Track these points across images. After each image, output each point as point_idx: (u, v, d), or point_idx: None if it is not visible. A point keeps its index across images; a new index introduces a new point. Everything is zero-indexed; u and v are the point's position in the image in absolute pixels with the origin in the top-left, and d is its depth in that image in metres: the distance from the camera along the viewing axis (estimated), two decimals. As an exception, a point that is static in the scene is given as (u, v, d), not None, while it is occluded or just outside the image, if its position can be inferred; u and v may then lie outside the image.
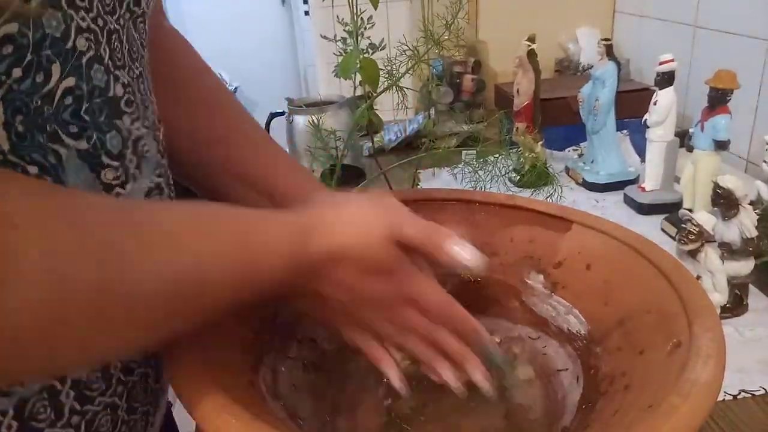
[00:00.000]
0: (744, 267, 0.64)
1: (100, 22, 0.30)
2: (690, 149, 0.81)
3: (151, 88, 0.36)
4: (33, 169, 0.27)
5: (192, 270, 0.28)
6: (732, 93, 0.76)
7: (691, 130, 0.82)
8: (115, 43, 0.31)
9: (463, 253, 0.35)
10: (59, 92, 0.27)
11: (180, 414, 0.47)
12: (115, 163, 0.31)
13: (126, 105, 0.32)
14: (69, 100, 0.28)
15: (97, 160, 0.30)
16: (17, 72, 0.25)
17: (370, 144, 0.99)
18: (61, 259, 0.23)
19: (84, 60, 0.28)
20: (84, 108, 0.29)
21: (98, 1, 0.29)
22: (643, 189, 0.91)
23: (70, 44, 0.27)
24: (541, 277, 0.46)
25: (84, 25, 0.28)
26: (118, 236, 0.26)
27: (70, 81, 0.28)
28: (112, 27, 0.31)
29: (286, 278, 0.33)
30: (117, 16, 0.31)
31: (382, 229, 0.35)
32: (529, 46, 0.99)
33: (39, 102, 0.27)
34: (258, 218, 0.33)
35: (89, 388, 0.32)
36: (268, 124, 1.11)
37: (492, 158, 0.84)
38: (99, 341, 0.26)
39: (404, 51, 0.80)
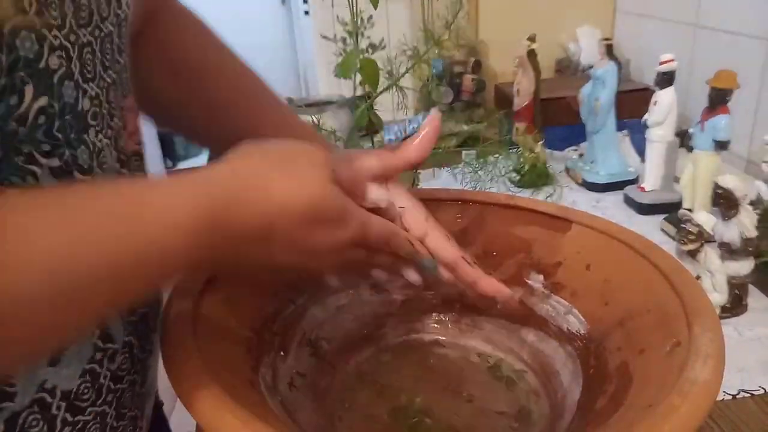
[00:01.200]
0: (743, 267, 0.64)
1: (72, 38, 0.29)
2: (690, 149, 0.82)
3: (125, 93, 0.36)
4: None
5: (65, 261, 0.24)
6: (732, 93, 0.76)
7: (691, 130, 0.82)
8: (87, 56, 0.31)
9: (378, 194, 0.38)
10: (32, 113, 0.27)
11: (180, 414, 0.47)
12: (86, 178, 0.30)
13: (92, 118, 0.31)
14: (42, 119, 0.28)
15: (69, 176, 0.29)
16: None
17: (370, 144, 0.99)
18: None
19: (56, 78, 0.28)
20: (56, 126, 0.28)
21: (72, 17, 0.29)
22: (643, 189, 0.91)
23: (42, 64, 0.27)
24: (541, 277, 0.46)
25: (56, 43, 0.28)
26: (19, 215, 0.23)
27: (43, 100, 0.27)
28: (84, 40, 0.30)
29: (202, 254, 0.29)
30: (92, 27, 0.31)
31: (318, 177, 0.32)
32: (530, 45, 0.99)
33: (14, 124, 0.26)
34: (146, 189, 0.29)
35: (80, 399, 0.32)
36: (268, 123, 1.11)
37: (492, 158, 0.84)
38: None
39: (404, 51, 0.80)
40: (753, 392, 0.54)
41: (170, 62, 0.45)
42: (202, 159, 2.79)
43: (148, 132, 2.58)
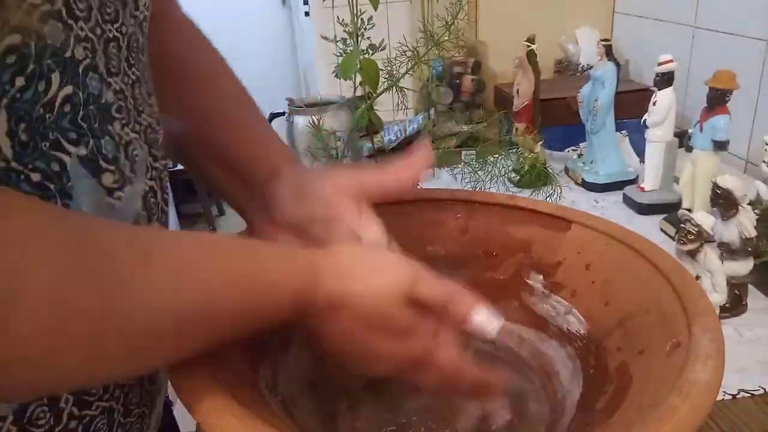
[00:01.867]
0: (743, 267, 0.65)
1: (98, 31, 0.30)
2: (689, 149, 0.82)
3: (149, 91, 0.37)
4: (36, 177, 0.27)
5: (199, 302, 0.28)
6: (731, 93, 0.76)
7: (690, 131, 0.82)
8: (112, 51, 0.32)
9: (486, 324, 0.35)
10: (59, 100, 0.28)
11: (180, 413, 0.47)
12: (112, 167, 0.31)
13: (117, 111, 0.32)
14: (68, 107, 0.28)
15: (96, 164, 0.30)
16: (20, 81, 0.26)
17: (370, 144, 0.99)
18: (66, 286, 0.23)
19: (81, 68, 0.29)
20: (81, 115, 0.29)
21: (97, 11, 0.30)
22: (643, 189, 0.91)
23: (69, 53, 0.28)
24: (541, 277, 0.46)
25: (82, 34, 0.29)
26: (126, 266, 0.26)
27: (69, 89, 0.28)
28: (110, 35, 0.31)
29: (291, 315, 0.33)
30: (119, 23, 0.32)
31: (395, 285, 0.34)
32: (529, 46, 1.00)
33: (41, 110, 0.27)
34: (268, 251, 0.34)
35: (88, 393, 0.32)
36: (268, 124, 1.11)
37: (492, 158, 0.84)
38: (99, 368, 0.26)
39: (404, 51, 0.80)
40: (753, 392, 0.54)
41: (162, 70, 0.45)
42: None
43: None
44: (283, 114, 1.07)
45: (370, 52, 0.86)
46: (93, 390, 0.32)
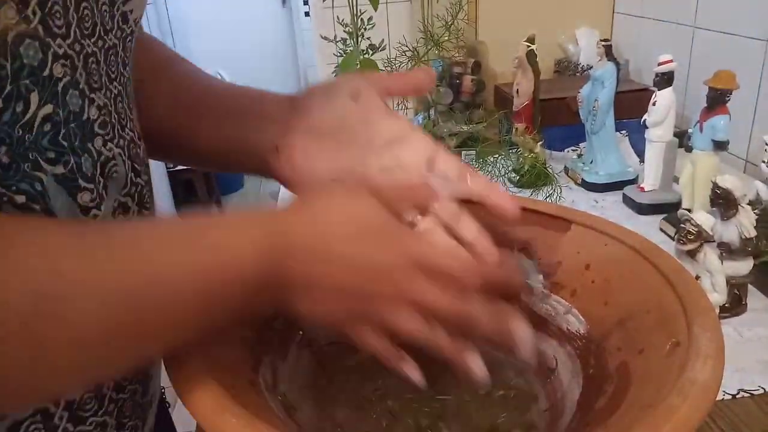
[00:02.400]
0: (743, 267, 0.65)
1: (77, 47, 0.30)
2: (689, 149, 0.82)
3: (131, 105, 0.36)
4: (20, 198, 0.27)
5: (148, 283, 0.27)
6: (731, 93, 0.76)
7: (690, 131, 0.82)
8: (92, 66, 0.31)
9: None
10: (38, 120, 0.27)
11: (178, 416, 0.48)
12: (90, 185, 0.31)
13: (100, 127, 0.32)
14: (47, 126, 0.28)
15: (74, 183, 0.30)
16: None
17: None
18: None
19: (60, 86, 0.28)
20: (61, 133, 0.29)
21: (76, 26, 0.29)
22: (642, 189, 0.91)
23: (47, 72, 0.27)
24: (541, 276, 0.46)
25: (60, 51, 0.28)
26: (63, 261, 0.25)
27: (48, 108, 0.28)
28: (89, 50, 0.31)
29: (261, 281, 0.30)
30: (96, 37, 0.31)
31: (364, 197, 0.32)
32: (529, 46, 1.00)
33: (20, 131, 0.27)
34: (220, 227, 0.31)
35: (82, 408, 0.32)
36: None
37: (491, 158, 0.84)
38: (47, 371, 0.25)
39: (404, 52, 0.80)
40: (753, 392, 0.54)
41: (170, 93, 0.46)
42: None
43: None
44: (283, 114, 1.07)
45: (370, 52, 0.86)
46: (87, 406, 0.32)
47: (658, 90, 0.86)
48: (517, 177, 1.00)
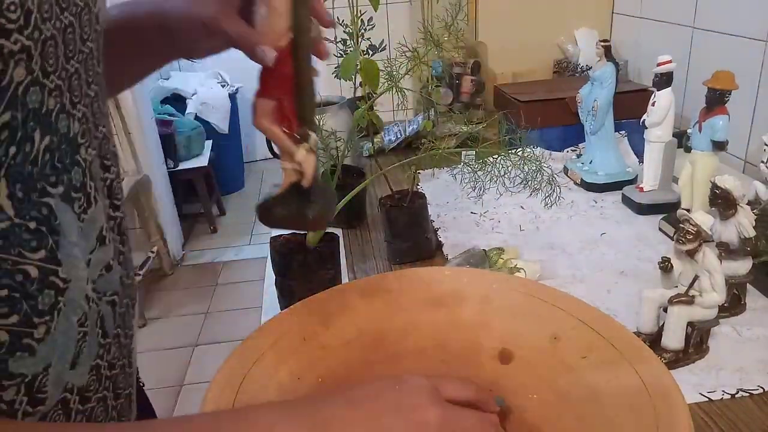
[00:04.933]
0: (742, 267, 0.65)
1: (63, 74, 0.31)
2: (688, 150, 0.82)
3: (104, 99, 0.38)
4: (32, 224, 0.29)
5: None
6: (730, 94, 0.76)
7: (689, 131, 0.82)
8: (75, 83, 0.33)
9: None
10: (41, 153, 0.30)
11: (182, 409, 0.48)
12: (80, 194, 0.33)
13: (81, 137, 0.33)
14: (47, 156, 0.30)
15: (69, 197, 0.32)
16: (12, 150, 0.28)
17: (370, 145, 0.99)
18: None
19: (53, 116, 0.30)
20: (57, 157, 0.31)
21: (63, 56, 0.31)
22: (641, 189, 0.91)
23: (44, 109, 0.30)
24: None
25: (52, 86, 0.30)
26: None
27: (47, 140, 0.30)
28: (72, 70, 0.32)
29: None
30: (77, 54, 0.33)
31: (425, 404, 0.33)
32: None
33: (29, 167, 0.29)
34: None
35: (88, 390, 0.35)
36: (268, 125, 1.12)
37: (491, 159, 0.84)
38: None
39: (404, 52, 0.80)
40: (752, 392, 0.54)
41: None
42: (202, 159, 2.79)
43: (151, 134, 2.57)
44: (283, 114, 1.07)
45: (370, 52, 0.86)
46: (91, 387, 0.35)
47: (658, 90, 0.86)
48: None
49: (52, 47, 0.30)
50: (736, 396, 0.54)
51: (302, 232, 0.69)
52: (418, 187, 0.95)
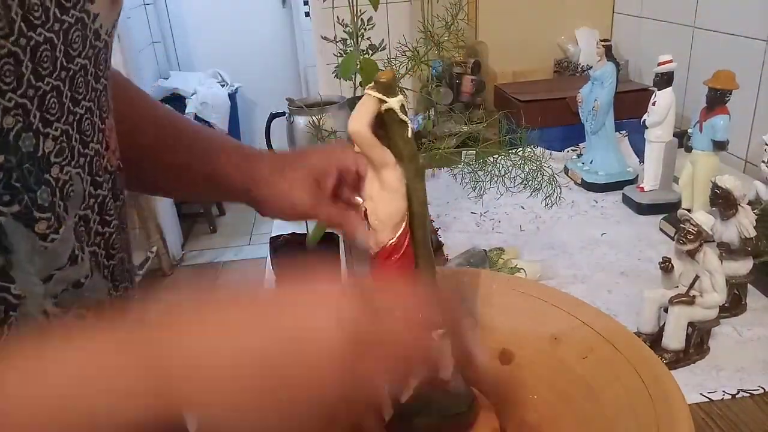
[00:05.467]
0: (742, 267, 0.65)
1: (30, 92, 0.30)
2: (688, 149, 0.82)
3: (104, 114, 0.37)
4: None
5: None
6: (730, 93, 0.76)
7: (689, 131, 0.82)
8: (51, 101, 0.31)
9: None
10: None
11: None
12: (47, 215, 0.32)
13: (56, 156, 0.32)
14: (0, 175, 0.29)
15: (29, 216, 0.31)
16: None
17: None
18: None
19: (11, 135, 0.29)
20: (14, 177, 0.30)
21: (31, 73, 0.30)
22: (642, 189, 0.91)
23: None
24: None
25: (11, 104, 0.29)
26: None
27: (1, 158, 0.29)
28: (47, 88, 0.31)
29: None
30: (58, 71, 0.32)
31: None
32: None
33: None
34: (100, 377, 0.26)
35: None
36: (268, 124, 1.11)
37: (491, 159, 0.84)
38: None
39: (404, 52, 0.80)
40: (752, 392, 0.54)
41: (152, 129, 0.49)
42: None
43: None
44: (283, 114, 1.07)
45: (370, 52, 0.86)
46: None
47: (658, 90, 0.86)
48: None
49: (10, 65, 0.28)
50: (737, 396, 0.54)
51: (302, 232, 0.69)
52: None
